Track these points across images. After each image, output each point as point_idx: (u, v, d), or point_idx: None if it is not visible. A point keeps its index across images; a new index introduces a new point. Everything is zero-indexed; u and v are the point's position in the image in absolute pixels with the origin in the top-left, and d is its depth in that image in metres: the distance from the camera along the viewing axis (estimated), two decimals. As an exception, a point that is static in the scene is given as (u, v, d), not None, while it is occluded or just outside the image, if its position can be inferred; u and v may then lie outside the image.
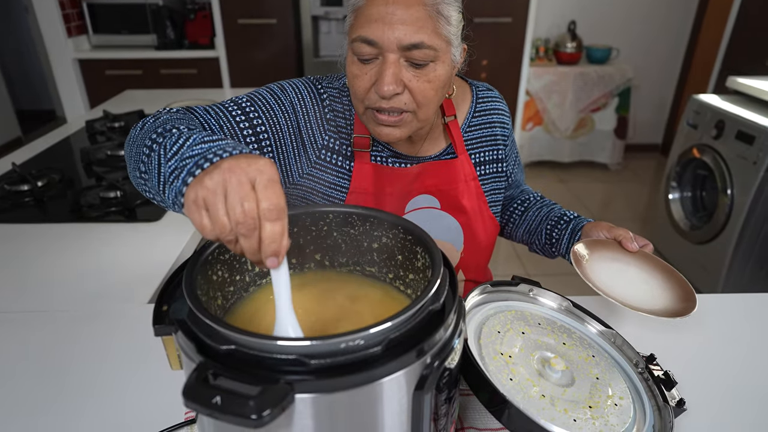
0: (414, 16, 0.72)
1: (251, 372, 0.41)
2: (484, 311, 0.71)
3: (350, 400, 0.43)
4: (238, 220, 0.45)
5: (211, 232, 0.46)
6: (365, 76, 0.77)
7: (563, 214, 1.00)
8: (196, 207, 0.46)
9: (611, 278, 0.82)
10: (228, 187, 0.45)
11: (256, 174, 0.46)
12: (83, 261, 1.09)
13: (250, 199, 0.45)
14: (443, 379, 0.47)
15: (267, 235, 0.45)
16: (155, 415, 0.68)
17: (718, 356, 0.81)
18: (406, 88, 0.77)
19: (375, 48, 0.74)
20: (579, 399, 0.61)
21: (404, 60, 0.75)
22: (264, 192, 0.45)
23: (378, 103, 0.77)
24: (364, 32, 0.74)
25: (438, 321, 0.48)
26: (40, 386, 0.73)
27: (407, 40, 0.73)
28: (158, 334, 0.48)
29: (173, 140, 0.57)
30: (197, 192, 0.46)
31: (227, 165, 0.46)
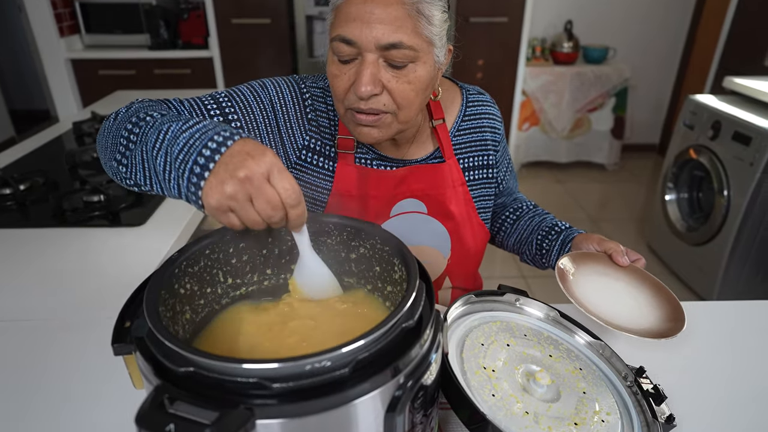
0: (392, 15, 0.70)
1: (211, 396, 0.39)
2: (467, 323, 0.69)
3: (318, 425, 0.41)
4: (269, 214, 0.51)
5: (240, 227, 0.53)
6: (344, 76, 0.75)
7: (554, 225, 0.97)
8: (221, 212, 0.51)
9: (597, 294, 0.79)
10: (252, 192, 0.50)
11: (268, 170, 0.51)
12: (65, 267, 1.06)
13: (274, 196, 0.51)
14: (418, 399, 0.45)
15: (294, 218, 0.53)
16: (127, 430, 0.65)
17: (709, 368, 0.79)
18: (385, 89, 0.74)
19: (353, 48, 0.72)
20: (564, 415, 0.59)
21: (383, 60, 0.73)
22: (281, 183, 0.51)
23: (356, 104, 0.75)
24: (342, 31, 0.72)
25: (413, 338, 0.45)
26: (8, 400, 0.71)
27: (385, 39, 0.70)
28: (117, 353, 0.46)
29: (152, 131, 0.58)
30: (220, 201, 0.51)
31: (243, 174, 0.50)
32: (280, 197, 0.51)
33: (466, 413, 0.56)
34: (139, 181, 0.62)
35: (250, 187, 0.50)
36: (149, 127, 0.59)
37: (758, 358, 0.81)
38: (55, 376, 0.75)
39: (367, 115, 0.76)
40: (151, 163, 0.57)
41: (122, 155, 0.62)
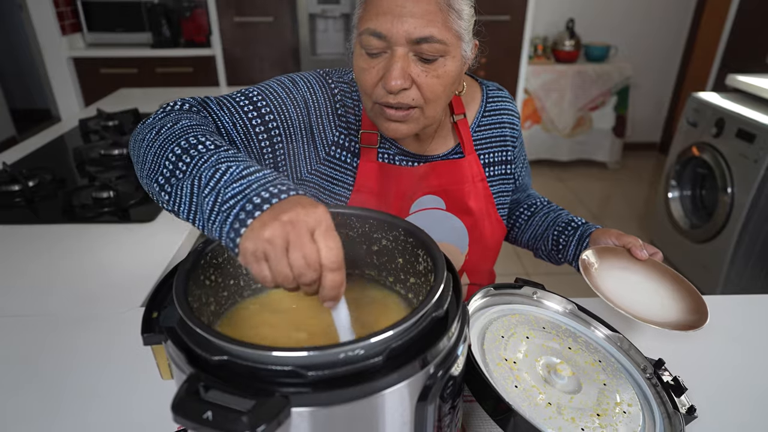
0: (424, 9, 0.70)
1: (245, 384, 0.39)
2: (487, 315, 0.69)
3: (350, 413, 0.41)
4: (302, 272, 0.45)
5: (271, 282, 0.47)
6: (373, 70, 0.74)
7: (571, 220, 0.97)
8: (255, 259, 0.46)
9: (620, 287, 0.79)
10: (290, 239, 0.45)
11: (315, 224, 0.46)
12: (75, 263, 1.06)
13: (312, 252, 0.45)
14: (447, 389, 0.45)
15: (328, 284, 0.46)
16: (146, 423, 0.65)
17: (727, 360, 0.79)
18: (414, 83, 0.73)
19: (383, 41, 0.71)
20: (586, 407, 0.59)
21: (413, 54, 0.72)
22: (324, 242, 0.46)
23: (385, 98, 0.74)
24: (372, 25, 0.71)
25: (441, 328, 0.45)
26: (28, 393, 0.71)
27: (417, 33, 0.70)
28: (147, 343, 0.46)
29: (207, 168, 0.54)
30: (256, 244, 0.46)
31: (287, 217, 0.46)
32: (319, 255, 0.45)
33: (491, 404, 0.56)
34: (182, 213, 0.57)
35: (291, 232, 0.45)
36: (203, 161, 0.55)
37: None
38: (75, 369, 0.75)
39: (396, 110, 0.75)
40: (199, 199, 0.53)
41: (167, 181, 0.57)
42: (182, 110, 0.69)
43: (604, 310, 0.76)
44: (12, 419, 0.66)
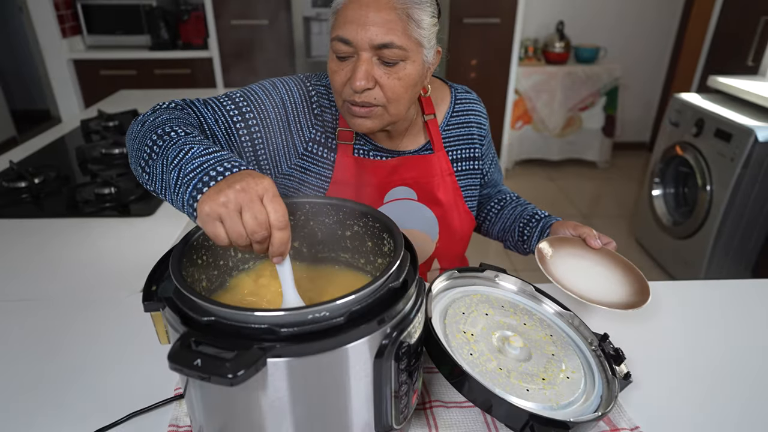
0: (385, 19, 0.78)
1: (229, 340, 0.47)
2: (450, 295, 0.77)
3: (318, 364, 0.49)
4: (254, 230, 0.54)
5: (224, 240, 0.55)
6: (342, 71, 0.83)
7: (535, 213, 1.06)
8: (210, 219, 0.55)
9: (573, 273, 0.88)
10: (243, 203, 0.54)
11: (264, 191, 0.55)
12: (79, 254, 1.14)
13: (263, 213, 0.54)
14: (402, 349, 0.53)
15: (276, 241, 0.55)
16: (147, 390, 0.73)
17: (667, 337, 0.88)
18: (377, 84, 0.82)
19: (350, 47, 0.80)
20: (534, 372, 0.67)
21: (376, 58, 0.81)
22: (272, 205, 0.55)
23: (352, 97, 0.83)
24: (341, 32, 0.80)
25: (398, 296, 0.53)
26: (39, 365, 0.78)
27: (378, 40, 0.79)
28: (147, 310, 0.54)
29: (174, 149, 0.64)
30: (212, 207, 0.54)
31: (240, 186, 0.54)
32: (268, 217, 0.54)
33: (447, 369, 0.64)
34: (157, 189, 0.67)
35: (242, 198, 0.54)
36: (172, 143, 0.65)
37: (715, 332, 0.89)
38: (79, 344, 0.83)
39: (361, 107, 0.84)
40: (167, 176, 0.63)
41: (146, 163, 0.68)
42: (169, 108, 0.79)
43: (560, 292, 0.85)
44: (23, 389, 0.74)
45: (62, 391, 0.74)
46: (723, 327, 0.91)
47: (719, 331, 0.90)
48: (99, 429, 0.67)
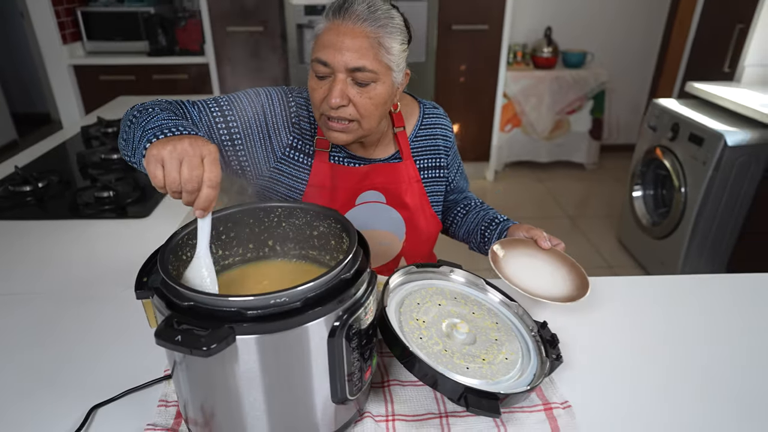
0: (359, 45, 0.89)
1: (204, 320, 0.57)
2: (408, 287, 0.87)
3: (280, 341, 0.59)
4: (187, 179, 0.65)
5: (160, 181, 0.66)
6: (320, 89, 0.93)
7: (495, 217, 1.16)
8: (154, 161, 0.66)
9: (523, 271, 0.98)
10: (185, 156, 0.65)
11: (206, 154, 0.66)
12: (79, 253, 1.24)
13: (199, 170, 0.65)
14: (352, 330, 0.63)
15: (203, 196, 0.66)
16: (139, 372, 0.83)
17: (605, 327, 0.98)
18: (351, 102, 0.93)
19: (328, 68, 0.91)
20: (476, 354, 0.78)
21: (350, 79, 0.92)
22: (209, 166, 0.66)
23: (328, 112, 0.93)
24: (320, 55, 0.91)
25: (349, 286, 0.63)
26: (41, 350, 0.88)
27: (352, 63, 0.89)
28: (139, 297, 0.64)
29: (145, 118, 0.79)
30: (159, 151, 0.66)
31: (187, 141, 0.66)
32: (203, 174, 0.65)
33: (398, 350, 0.74)
34: (129, 153, 0.81)
35: (186, 151, 0.65)
36: (147, 115, 0.79)
37: (649, 322, 0.99)
38: (77, 332, 0.93)
39: (337, 122, 0.94)
40: (135, 135, 0.77)
41: (126, 133, 0.82)
42: (158, 101, 0.90)
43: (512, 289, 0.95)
44: (27, 371, 0.84)
45: (62, 372, 0.84)
46: (656, 319, 1.01)
47: (652, 321, 1.00)
48: (96, 404, 0.77)
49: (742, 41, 2.76)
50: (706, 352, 0.92)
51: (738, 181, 2.32)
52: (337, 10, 0.91)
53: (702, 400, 0.81)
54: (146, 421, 0.74)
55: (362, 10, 0.90)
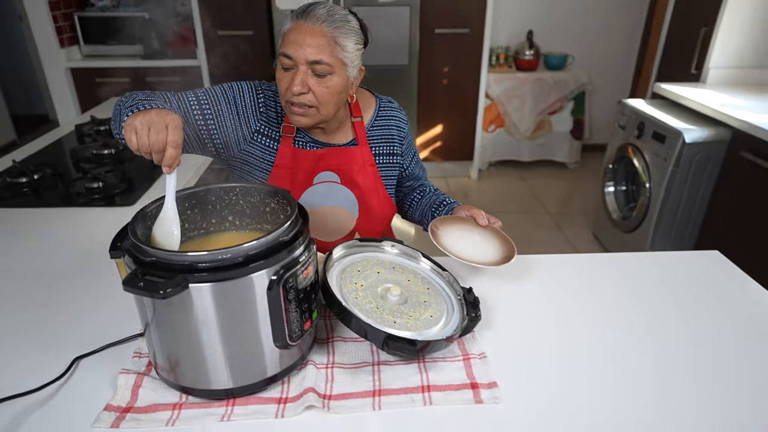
0: (317, 42, 1.05)
1: (163, 272, 0.70)
2: (352, 258, 1.01)
3: (228, 289, 0.73)
4: (154, 142, 0.82)
5: (134, 145, 0.84)
6: (285, 79, 1.09)
7: (444, 200, 1.31)
8: (130, 129, 0.84)
9: (458, 243, 1.12)
10: (152, 123, 0.83)
11: (170, 122, 0.84)
12: (70, 236, 1.37)
13: (163, 133, 0.82)
14: (288, 284, 0.76)
15: (168, 155, 0.83)
16: (118, 331, 0.96)
17: (529, 295, 1.11)
18: (311, 90, 1.08)
19: (291, 61, 1.06)
20: (404, 312, 0.91)
21: (310, 71, 1.07)
22: (172, 131, 0.83)
23: (291, 99, 1.09)
24: (285, 50, 1.06)
25: (286, 247, 0.77)
26: (33, 312, 1.02)
27: (311, 57, 1.05)
28: (113, 257, 0.78)
29: (128, 100, 0.97)
30: (133, 121, 0.84)
31: (155, 112, 0.84)
32: (167, 138, 0.82)
33: (335, 308, 0.87)
34: (117, 130, 0.97)
35: (154, 120, 0.82)
36: (130, 99, 0.98)
37: (565, 292, 1.12)
38: (67, 297, 1.06)
39: (298, 107, 1.09)
40: (121, 114, 0.94)
41: (114, 115, 1.00)
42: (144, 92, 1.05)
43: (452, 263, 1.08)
44: (21, 331, 0.97)
45: (50, 331, 0.97)
46: (575, 289, 1.14)
47: (570, 291, 1.13)
48: (79, 356, 0.90)
49: (707, 44, 2.89)
50: (615, 317, 1.05)
51: (697, 176, 2.45)
52: (301, 13, 1.07)
53: (607, 362, 0.94)
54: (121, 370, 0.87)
55: (322, 13, 1.06)
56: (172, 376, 0.81)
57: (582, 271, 1.21)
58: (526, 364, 0.91)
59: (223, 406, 0.81)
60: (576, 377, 0.88)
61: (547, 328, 1.01)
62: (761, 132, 2.14)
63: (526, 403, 0.83)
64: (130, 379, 0.84)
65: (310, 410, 0.80)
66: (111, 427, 0.77)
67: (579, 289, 1.14)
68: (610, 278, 1.18)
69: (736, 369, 0.90)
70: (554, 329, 1.01)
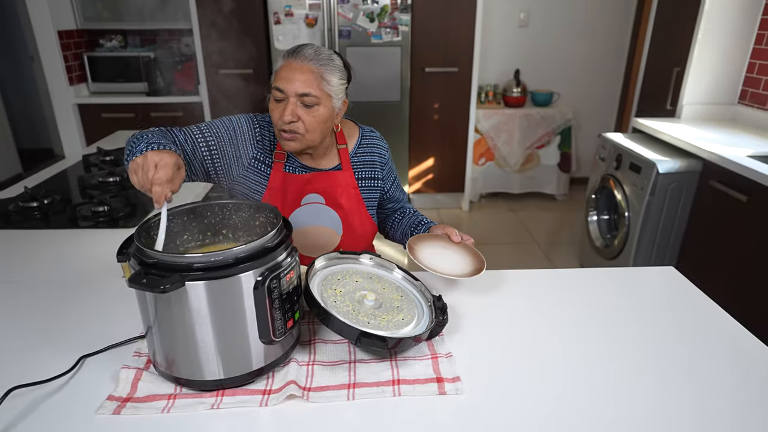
0: (305, 78, 1.19)
1: (163, 271, 0.81)
2: (333, 268, 1.11)
3: (219, 287, 0.83)
4: (143, 181, 0.95)
5: (136, 184, 0.97)
6: (278, 110, 1.23)
7: (422, 220, 1.43)
8: (131, 171, 0.98)
9: (433, 257, 1.23)
10: (143, 166, 0.96)
11: (158, 161, 0.96)
12: (77, 256, 1.48)
13: (150, 173, 0.95)
14: (273, 285, 0.87)
15: (154, 191, 0.94)
16: (119, 333, 1.06)
17: (497, 306, 1.21)
18: (300, 119, 1.21)
19: (283, 94, 1.21)
20: (378, 315, 1.01)
21: (300, 102, 1.21)
22: (159, 170, 0.95)
23: (283, 126, 1.22)
24: (277, 84, 1.21)
25: (270, 252, 0.88)
26: (43, 317, 1.12)
27: (301, 90, 1.19)
28: (119, 261, 0.89)
29: (137, 141, 1.07)
30: (131, 165, 0.98)
31: (150, 154, 0.97)
32: (150, 178, 0.93)
33: (315, 309, 0.97)
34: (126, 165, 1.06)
35: (145, 163, 0.95)
36: (141, 139, 1.08)
37: (535, 303, 1.23)
38: (75, 306, 1.16)
39: (289, 133, 1.23)
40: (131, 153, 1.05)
41: (126, 153, 1.10)
42: (152, 129, 1.17)
43: (421, 275, 1.19)
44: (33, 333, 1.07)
45: (60, 334, 1.07)
46: (540, 300, 1.24)
47: (536, 301, 1.23)
48: (84, 354, 1.00)
49: (680, 82, 3.07)
50: (572, 327, 1.15)
51: (672, 204, 2.58)
52: (291, 52, 1.23)
53: (563, 364, 1.04)
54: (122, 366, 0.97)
55: (310, 53, 1.21)
56: (169, 368, 0.91)
57: (546, 285, 1.32)
58: (487, 363, 1.01)
59: (213, 396, 0.90)
60: (531, 375, 0.98)
61: (509, 334, 1.11)
62: (728, 163, 2.28)
63: (486, 395, 0.92)
64: (131, 374, 0.94)
65: (291, 399, 0.90)
66: (113, 413, 0.86)
67: (541, 300, 1.24)
68: (569, 291, 1.29)
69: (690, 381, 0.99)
70: (516, 335, 1.10)
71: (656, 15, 3.35)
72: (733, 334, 1.12)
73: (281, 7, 3.51)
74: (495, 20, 4.31)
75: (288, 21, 3.54)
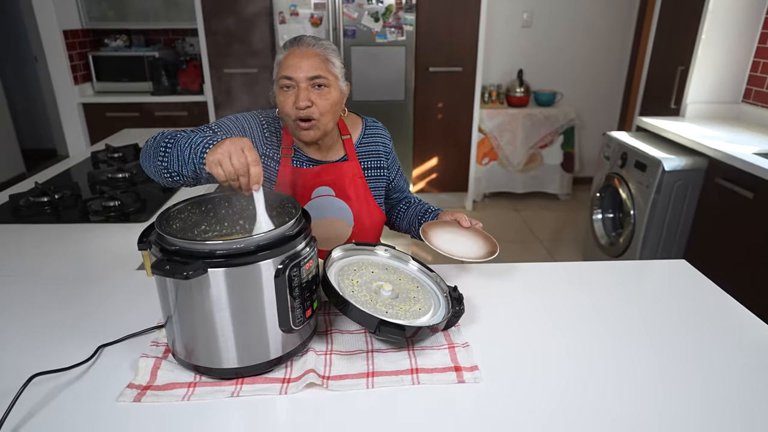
0: (312, 61, 1.22)
1: (186, 258, 0.82)
2: (350, 259, 1.12)
3: (240, 274, 0.84)
4: (239, 167, 0.91)
5: (223, 177, 0.92)
6: (289, 99, 1.24)
7: (428, 208, 1.45)
8: (214, 164, 0.92)
9: (446, 242, 1.24)
10: (231, 152, 0.91)
11: (243, 145, 0.92)
12: (89, 250, 1.48)
13: (243, 157, 0.91)
14: (293, 273, 0.87)
15: (253, 174, 0.92)
16: (137, 323, 1.06)
17: (512, 295, 1.22)
18: (313, 104, 1.23)
19: (292, 81, 1.22)
20: (395, 305, 1.01)
21: (310, 86, 1.22)
22: (249, 153, 0.92)
23: (298, 114, 1.23)
24: (285, 73, 1.23)
25: (291, 240, 0.88)
26: (63, 309, 1.12)
27: (311, 73, 1.22)
28: (140, 249, 0.89)
29: (183, 141, 1.03)
30: (214, 155, 0.92)
31: (228, 142, 0.92)
32: (247, 160, 0.90)
33: (333, 299, 0.97)
34: (173, 168, 1.03)
35: (231, 149, 0.90)
36: (181, 138, 1.04)
37: (539, 294, 1.23)
38: (91, 297, 1.16)
39: (305, 122, 1.24)
40: (181, 154, 1.01)
41: (163, 156, 1.05)
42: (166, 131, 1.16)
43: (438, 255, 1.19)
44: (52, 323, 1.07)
45: (79, 324, 1.07)
46: (549, 292, 1.25)
47: (546, 293, 1.24)
48: (103, 344, 1.00)
49: (684, 81, 3.08)
50: (586, 318, 1.15)
51: (678, 202, 2.59)
52: (292, 42, 1.26)
53: (578, 356, 1.04)
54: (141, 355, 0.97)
55: (310, 40, 1.25)
56: (188, 357, 0.91)
57: (557, 277, 1.32)
58: (504, 353, 1.01)
59: (232, 384, 0.91)
60: (549, 364, 0.98)
61: (525, 323, 1.11)
62: (734, 160, 2.29)
63: (504, 383, 0.92)
64: (150, 363, 0.94)
65: (311, 388, 0.90)
66: (133, 401, 0.86)
67: (553, 292, 1.25)
68: (580, 283, 1.29)
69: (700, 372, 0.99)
70: (531, 324, 1.11)
71: (659, 14, 3.37)
72: (746, 324, 1.12)
73: (286, 7, 3.52)
74: (498, 20, 4.32)
75: (293, 20, 3.55)
